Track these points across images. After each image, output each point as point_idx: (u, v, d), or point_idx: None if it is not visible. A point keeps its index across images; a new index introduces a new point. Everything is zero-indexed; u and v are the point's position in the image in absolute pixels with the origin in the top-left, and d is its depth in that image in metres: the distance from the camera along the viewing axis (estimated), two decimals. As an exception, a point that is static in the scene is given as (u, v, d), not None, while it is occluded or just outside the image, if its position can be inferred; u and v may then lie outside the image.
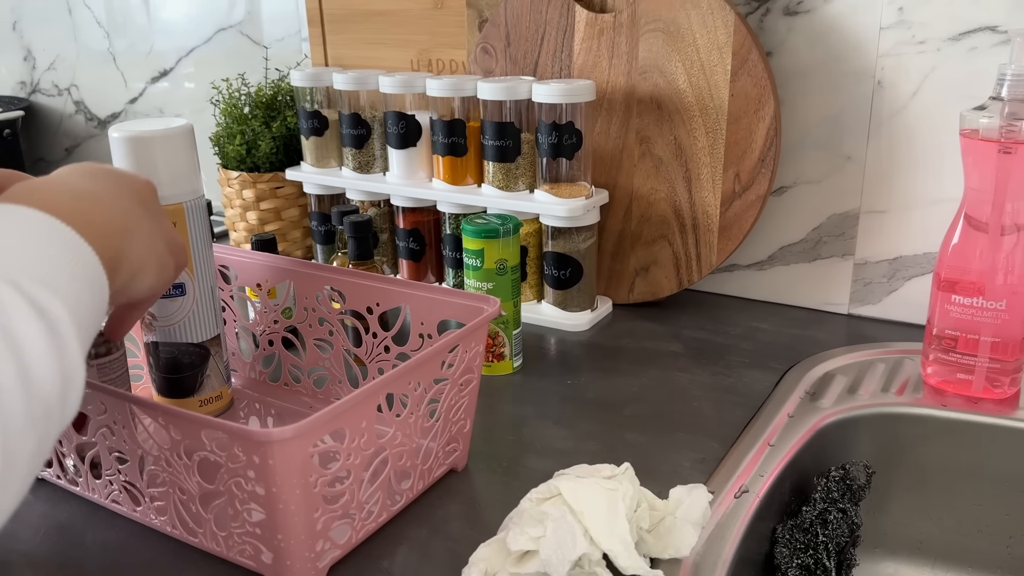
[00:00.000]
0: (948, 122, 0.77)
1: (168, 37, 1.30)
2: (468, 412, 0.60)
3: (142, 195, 0.49)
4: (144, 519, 0.56)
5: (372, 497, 0.53)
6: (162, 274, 0.48)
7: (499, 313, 0.59)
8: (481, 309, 0.60)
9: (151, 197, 0.50)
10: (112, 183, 0.47)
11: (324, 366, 0.71)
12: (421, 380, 0.54)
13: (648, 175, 0.87)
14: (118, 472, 0.55)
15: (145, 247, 0.46)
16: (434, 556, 0.53)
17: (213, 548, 0.53)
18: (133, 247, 0.44)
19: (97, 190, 0.45)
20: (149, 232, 0.47)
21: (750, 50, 0.78)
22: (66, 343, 0.34)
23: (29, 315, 0.32)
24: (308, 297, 0.70)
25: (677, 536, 0.51)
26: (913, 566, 0.70)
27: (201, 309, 0.65)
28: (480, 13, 0.96)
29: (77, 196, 0.42)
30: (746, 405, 0.70)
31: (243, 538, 0.50)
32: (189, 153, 0.63)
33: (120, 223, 0.44)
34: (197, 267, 0.64)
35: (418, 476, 0.57)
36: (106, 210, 0.43)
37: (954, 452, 0.67)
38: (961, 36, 0.75)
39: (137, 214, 0.46)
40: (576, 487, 0.50)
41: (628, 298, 0.92)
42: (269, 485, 0.46)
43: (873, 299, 0.86)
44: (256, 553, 0.50)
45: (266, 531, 0.49)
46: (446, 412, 0.58)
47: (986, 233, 0.65)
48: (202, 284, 0.65)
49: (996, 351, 0.67)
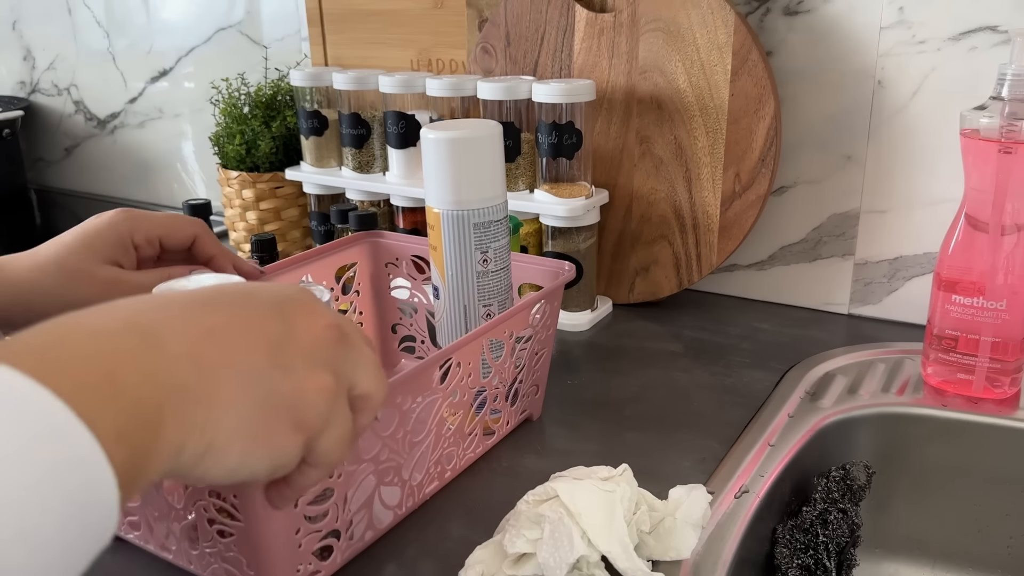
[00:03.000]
0: (948, 122, 0.77)
1: (168, 37, 1.30)
2: (546, 363, 0.68)
3: (284, 344, 0.34)
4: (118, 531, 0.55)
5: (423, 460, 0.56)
6: (257, 458, 0.33)
7: (574, 277, 0.67)
8: (559, 272, 0.68)
9: (307, 346, 0.35)
10: (233, 317, 0.33)
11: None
12: (514, 330, 0.62)
13: (648, 175, 0.87)
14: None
15: (231, 423, 0.31)
16: (431, 557, 0.53)
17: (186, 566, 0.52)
18: (211, 419, 0.31)
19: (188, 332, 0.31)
20: (256, 400, 0.32)
21: (750, 50, 0.78)
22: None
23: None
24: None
25: (677, 538, 0.51)
26: (913, 566, 0.70)
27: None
28: (480, 13, 0.96)
29: (130, 333, 0.29)
30: (746, 405, 0.70)
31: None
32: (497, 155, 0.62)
33: (198, 391, 0.30)
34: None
35: (509, 415, 0.66)
36: (179, 360, 0.30)
37: (954, 452, 0.67)
38: (961, 36, 0.75)
39: (248, 373, 0.32)
40: (573, 489, 0.50)
41: (628, 298, 0.92)
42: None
43: (873, 299, 0.86)
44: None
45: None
46: (529, 361, 0.65)
47: (986, 233, 0.65)
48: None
49: (996, 351, 0.67)
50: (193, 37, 1.27)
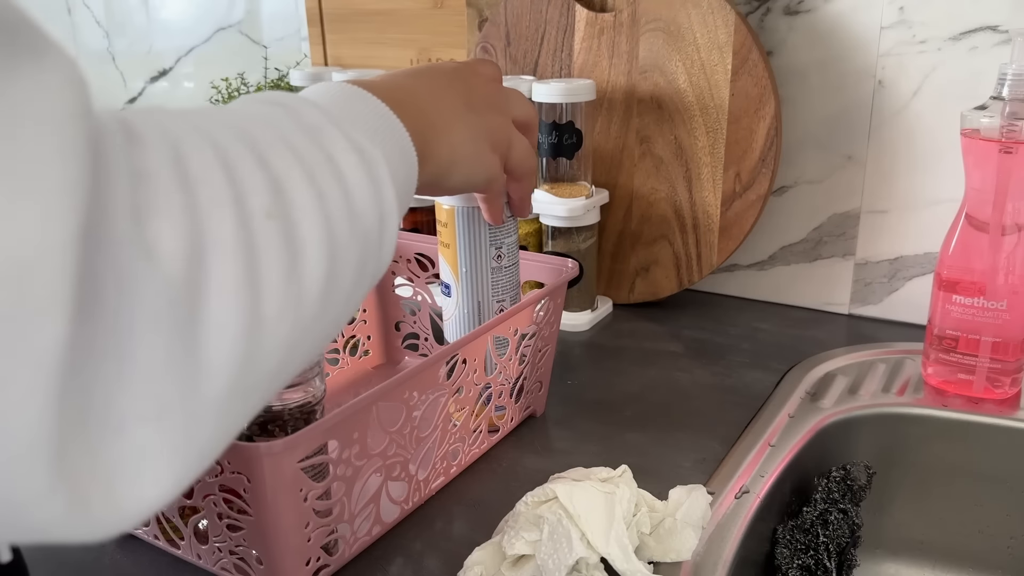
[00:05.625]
0: (949, 122, 0.77)
1: (167, 36, 1.30)
2: (549, 360, 0.69)
3: (484, 98, 0.50)
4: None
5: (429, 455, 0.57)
6: (476, 171, 0.50)
7: (576, 274, 0.68)
8: (561, 270, 0.69)
9: (483, 95, 0.51)
10: (435, 82, 0.48)
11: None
12: (519, 327, 0.63)
13: (648, 175, 0.87)
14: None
15: (457, 145, 0.47)
16: (430, 558, 0.53)
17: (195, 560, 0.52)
18: (443, 143, 0.46)
19: (416, 87, 0.47)
20: (469, 130, 0.48)
21: (751, 49, 0.78)
22: (382, 183, 0.36)
23: (347, 148, 0.35)
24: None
25: (678, 539, 0.51)
26: (914, 566, 0.70)
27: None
28: (480, 12, 0.96)
29: (392, 89, 0.43)
30: (746, 405, 0.70)
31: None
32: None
33: (431, 119, 0.45)
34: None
35: (513, 411, 0.67)
36: (419, 105, 0.45)
37: (955, 452, 0.67)
38: (962, 36, 0.75)
39: (455, 112, 0.48)
40: (572, 490, 0.50)
41: (628, 298, 0.92)
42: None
43: (874, 299, 0.86)
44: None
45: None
46: (533, 357, 0.66)
47: (987, 233, 0.65)
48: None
49: (997, 351, 0.67)
50: (193, 37, 1.27)
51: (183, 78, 1.31)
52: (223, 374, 0.27)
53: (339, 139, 0.35)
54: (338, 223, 0.32)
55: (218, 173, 0.28)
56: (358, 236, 0.34)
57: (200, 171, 0.28)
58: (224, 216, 0.27)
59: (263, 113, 0.35)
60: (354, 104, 0.40)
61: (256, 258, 0.28)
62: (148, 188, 0.26)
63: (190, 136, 0.29)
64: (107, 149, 0.25)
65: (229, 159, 0.29)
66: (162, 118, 0.29)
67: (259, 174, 0.30)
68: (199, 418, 0.26)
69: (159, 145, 0.27)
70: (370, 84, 0.43)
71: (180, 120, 0.30)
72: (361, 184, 0.34)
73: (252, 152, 0.30)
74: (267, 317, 0.28)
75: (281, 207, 0.30)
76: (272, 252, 0.29)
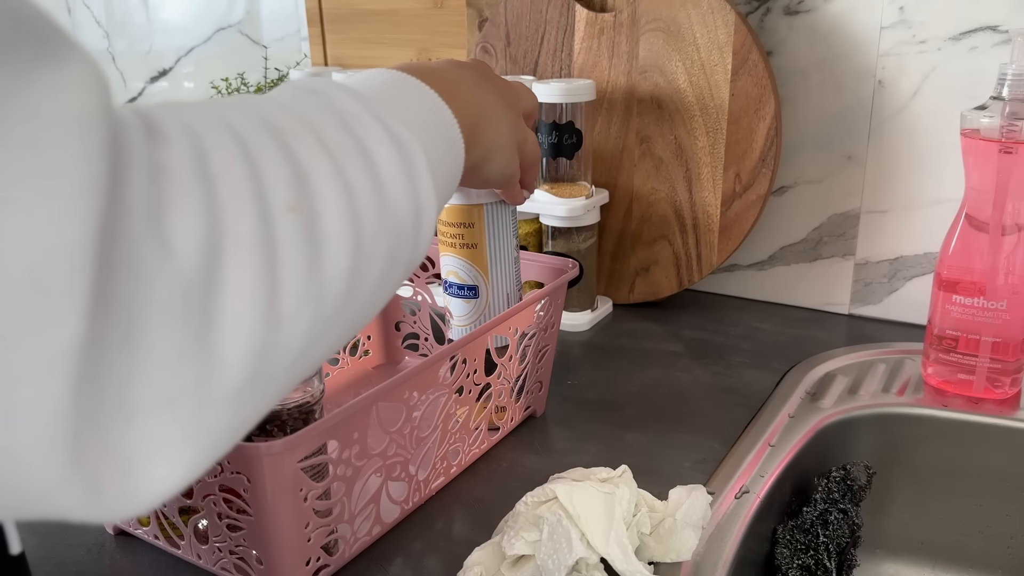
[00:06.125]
0: (949, 122, 0.77)
1: (167, 37, 1.30)
2: (549, 360, 0.69)
3: (503, 91, 0.52)
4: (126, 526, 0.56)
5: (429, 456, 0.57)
6: (509, 163, 0.52)
7: (576, 274, 0.68)
8: (561, 270, 0.69)
9: (511, 97, 0.53)
10: (471, 74, 0.49)
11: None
12: (519, 326, 0.63)
13: (648, 175, 0.87)
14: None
15: (499, 133, 0.49)
16: (430, 558, 0.53)
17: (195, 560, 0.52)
18: (490, 129, 0.48)
19: (460, 77, 0.47)
20: (505, 122, 0.50)
21: (750, 49, 0.78)
22: (418, 174, 0.36)
23: (383, 138, 0.35)
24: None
25: (678, 540, 0.51)
26: (914, 567, 0.70)
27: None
28: (480, 12, 0.96)
29: (441, 78, 0.44)
30: (747, 405, 0.70)
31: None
32: None
33: (480, 104, 0.47)
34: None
35: (514, 410, 0.67)
36: (468, 90, 0.46)
37: (955, 452, 0.67)
38: (962, 36, 0.75)
39: (496, 105, 0.49)
40: (572, 491, 0.50)
41: (628, 298, 0.92)
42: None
43: (874, 299, 0.86)
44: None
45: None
46: (534, 357, 0.66)
47: (987, 233, 0.65)
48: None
49: (997, 351, 0.67)
50: (193, 37, 1.27)
51: (183, 78, 1.31)
52: (238, 365, 0.27)
53: (375, 129, 0.35)
54: (366, 216, 0.32)
55: (240, 167, 0.28)
56: (389, 228, 0.34)
57: (221, 166, 0.28)
58: (243, 210, 0.28)
59: (297, 102, 0.35)
60: (400, 92, 0.41)
61: (274, 252, 0.28)
62: (167, 184, 0.26)
63: (213, 130, 0.29)
64: (127, 146, 0.25)
65: (253, 152, 0.29)
66: (187, 112, 0.29)
67: (283, 167, 0.30)
68: (213, 407, 0.27)
69: (180, 140, 0.27)
70: (418, 70, 0.43)
71: (206, 114, 0.30)
72: (395, 175, 0.34)
73: (278, 144, 0.30)
74: (285, 310, 0.28)
75: (304, 200, 0.30)
76: (292, 246, 0.29)
